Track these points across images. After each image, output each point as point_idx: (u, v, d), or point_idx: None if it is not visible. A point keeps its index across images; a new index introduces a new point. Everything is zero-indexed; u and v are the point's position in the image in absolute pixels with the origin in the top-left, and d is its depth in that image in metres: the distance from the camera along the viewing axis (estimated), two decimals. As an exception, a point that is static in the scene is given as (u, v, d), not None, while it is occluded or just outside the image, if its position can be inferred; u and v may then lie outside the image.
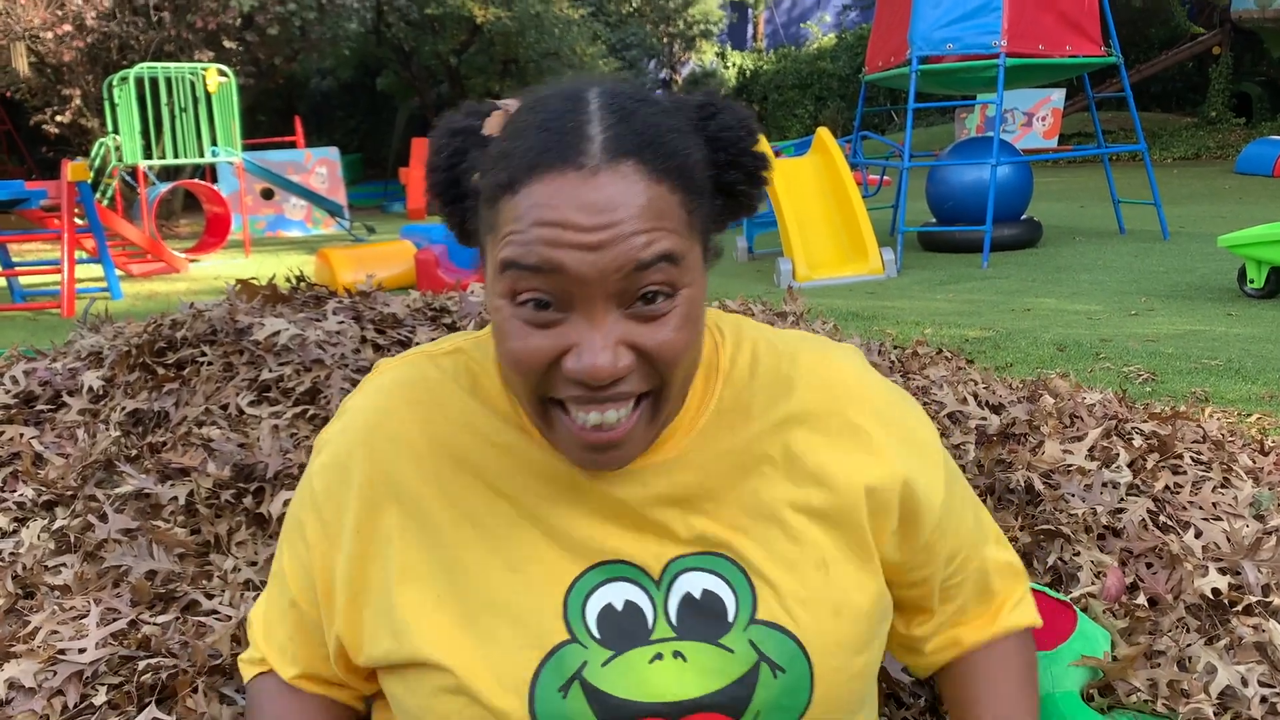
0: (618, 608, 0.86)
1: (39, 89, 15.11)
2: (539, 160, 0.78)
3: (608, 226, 0.76)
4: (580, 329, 0.79)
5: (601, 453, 0.82)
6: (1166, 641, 1.51)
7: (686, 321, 0.81)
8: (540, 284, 0.78)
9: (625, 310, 0.79)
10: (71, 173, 7.97)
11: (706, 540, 0.89)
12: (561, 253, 0.76)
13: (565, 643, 0.85)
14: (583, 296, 0.78)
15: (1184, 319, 5.47)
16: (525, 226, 0.77)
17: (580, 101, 0.81)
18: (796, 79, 23.77)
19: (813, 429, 0.93)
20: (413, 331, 2.50)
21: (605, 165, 0.77)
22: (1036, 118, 13.16)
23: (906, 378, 2.51)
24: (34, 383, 2.46)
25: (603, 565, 0.88)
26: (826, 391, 0.94)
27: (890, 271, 7.80)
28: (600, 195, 0.76)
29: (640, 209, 0.77)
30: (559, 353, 0.79)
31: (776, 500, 0.90)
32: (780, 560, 0.89)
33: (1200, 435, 2.17)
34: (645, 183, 0.78)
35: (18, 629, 1.64)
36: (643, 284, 0.78)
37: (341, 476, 0.92)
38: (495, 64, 20.38)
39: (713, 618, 0.86)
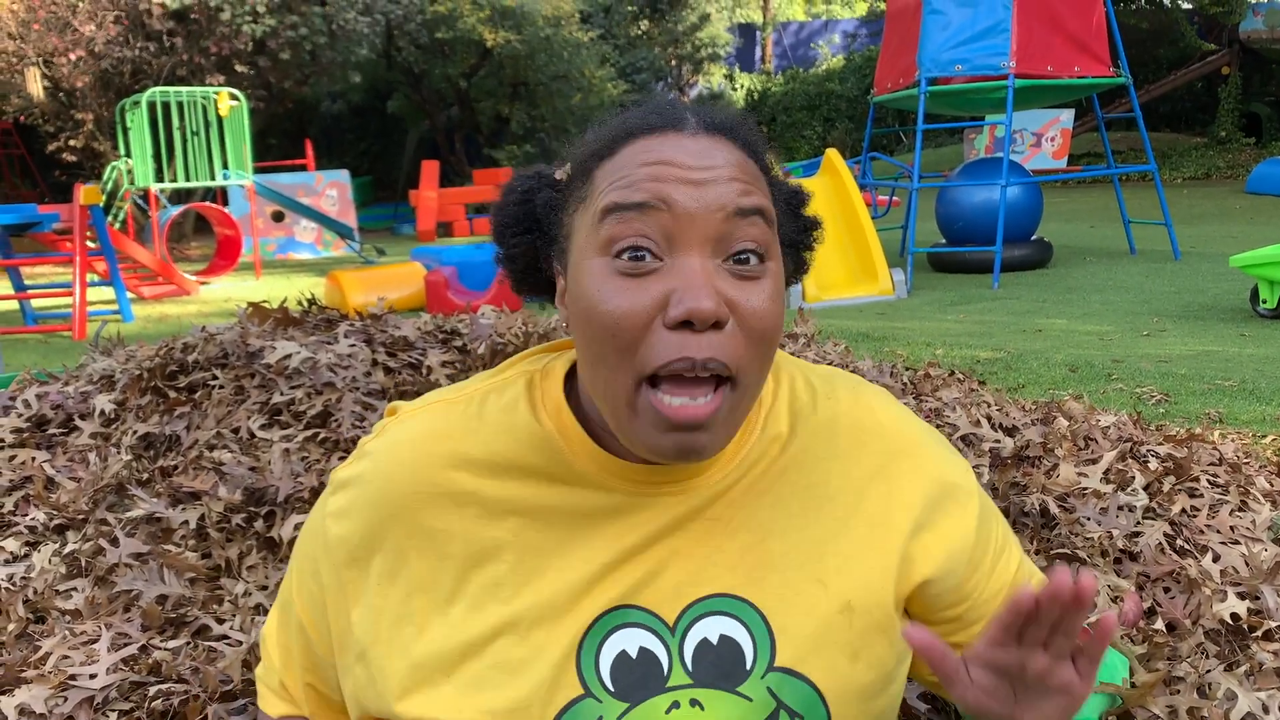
0: (632, 655, 0.84)
1: (52, 114, 15.24)
2: (639, 125, 0.84)
3: (710, 168, 0.81)
4: (680, 272, 0.78)
5: (688, 433, 0.79)
6: (1185, 668, 1.49)
7: (776, 296, 0.82)
8: (643, 225, 0.79)
9: (721, 263, 0.80)
10: (84, 196, 8.02)
11: (726, 582, 0.87)
12: (669, 187, 0.79)
13: (579, 698, 0.83)
14: (683, 239, 0.79)
15: (1197, 339, 5.45)
16: (630, 169, 0.81)
17: (673, 101, 0.89)
18: (805, 100, 23.85)
19: (844, 471, 0.92)
20: (424, 354, 2.50)
21: (703, 132, 0.84)
22: (1046, 138, 13.16)
23: (919, 400, 2.50)
24: (46, 406, 2.46)
25: (617, 610, 0.86)
26: (862, 432, 0.94)
27: (900, 292, 7.79)
28: (700, 146, 0.82)
29: (737, 164, 0.82)
30: (657, 307, 0.78)
31: (804, 540, 0.89)
32: (801, 604, 0.87)
33: (1216, 458, 2.15)
34: (739, 151, 0.84)
35: (29, 654, 1.63)
36: (739, 236, 0.80)
37: (358, 528, 0.91)
38: (505, 87, 20.49)
39: (730, 665, 0.85)
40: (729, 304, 0.79)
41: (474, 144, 22.60)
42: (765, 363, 0.83)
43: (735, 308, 0.79)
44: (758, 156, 0.87)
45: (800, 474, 0.91)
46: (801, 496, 0.90)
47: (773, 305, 0.81)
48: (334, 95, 21.50)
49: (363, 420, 2.25)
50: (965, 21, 8.40)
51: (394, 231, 18.27)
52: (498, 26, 18.53)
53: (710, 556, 0.87)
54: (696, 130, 0.83)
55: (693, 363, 0.77)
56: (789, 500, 0.90)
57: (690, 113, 0.86)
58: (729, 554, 0.88)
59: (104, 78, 14.87)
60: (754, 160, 0.85)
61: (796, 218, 0.94)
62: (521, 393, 0.91)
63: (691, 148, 0.82)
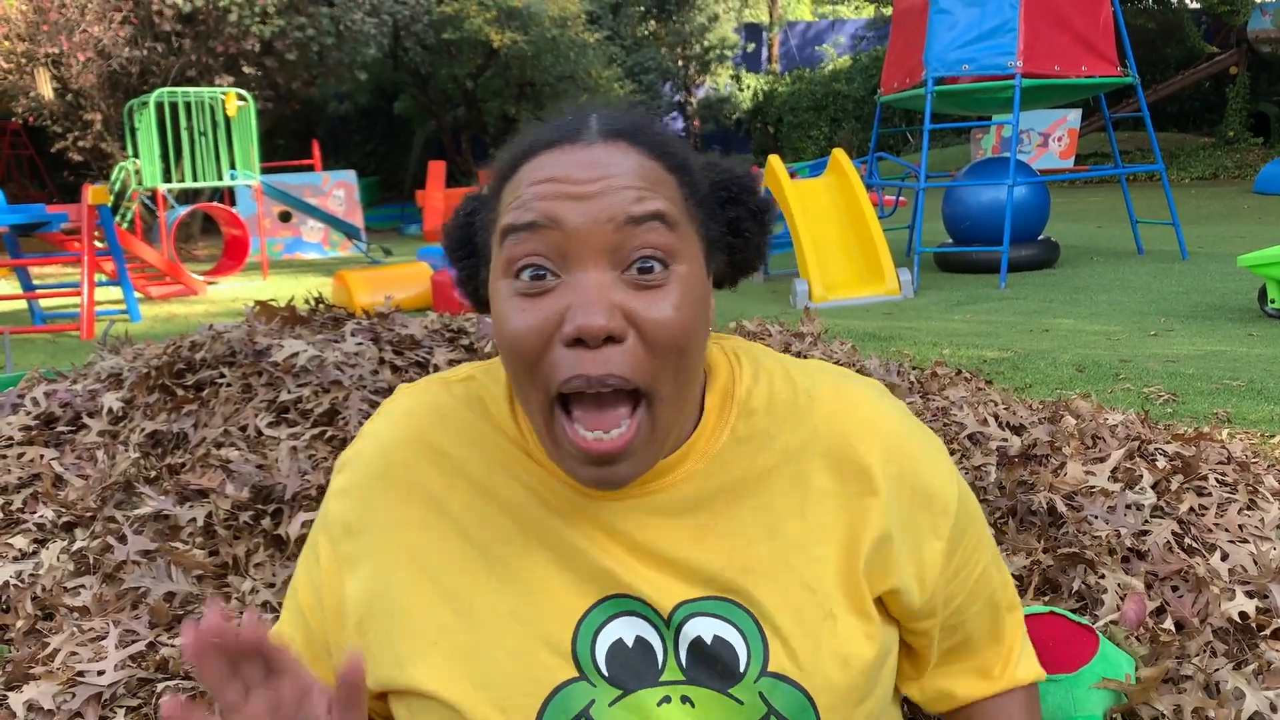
0: (628, 644, 0.85)
1: (61, 114, 15.28)
2: (538, 140, 0.84)
3: (601, 179, 0.80)
4: (574, 289, 0.78)
5: (603, 466, 0.80)
6: (1193, 666, 1.49)
7: (685, 302, 0.80)
8: (536, 244, 0.79)
9: (621, 274, 0.79)
10: (92, 196, 8.05)
11: (718, 583, 0.86)
12: (556, 204, 0.79)
13: (572, 680, 0.83)
14: (576, 255, 0.79)
15: (1204, 339, 5.43)
16: (523, 190, 0.81)
17: (581, 109, 0.87)
18: (811, 101, 23.82)
19: (825, 469, 0.90)
20: (430, 352, 2.51)
21: (601, 141, 0.82)
22: (1053, 138, 13.13)
23: (926, 398, 2.50)
24: (54, 404, 2.47)
25: (614, 599, 0.86)
26: (841, 430, 0.91)
27: (907, 292, 7.78)
28: (594, 156, 0.81)
29: (633, 170, 0.81)
30: (555, 325, 0.78)
31: (788, 542, 0.88)
32: (791, 608, 0.87)
33: (1224, 456, 2.15)
34: (639, 155, 0.82)
35: (37, 650, 1.64)
36: (636, 245, 0.79)
37: (356, 502, 0.92)
38: (511, 87, 20.50)
39: (724, 667, 0.85)
40: (629, 315, 0.78)
41: (480, 144, 22.61)
42: (680, 373, 0.81)
43: (635, 319, 0.78)
44: (665, 156, 0.84)
45: (785, 475, 0.89)
46: (787, 498, 0.89)
47: (679, 314, 0.79)
48: (341, 96, 21.52)
49: (369, 418, 2.26)
50: (972, 21, 8.39)
51: (400, 231, 18.30)
52: (504, 27, 18.54)
53: (701, 559, 0.87)
54: (593, 140, 0.82)
55: (589, 379, 0.77)
56: (774, 502, 0.89)
57: (594, 119, 0.85)
58: (720, 556, 0.87)
59: (112, 78, 14.91)
60: (660, 161, 0.83)
61: (736, 204, 0.90)
62: (504, 382, 0.93)
63: (584, 159, 0.81)
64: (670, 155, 0.85)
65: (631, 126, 0.84)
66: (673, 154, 0.85)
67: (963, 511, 0.94)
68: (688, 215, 0.84)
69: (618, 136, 0.83)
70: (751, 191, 0.92)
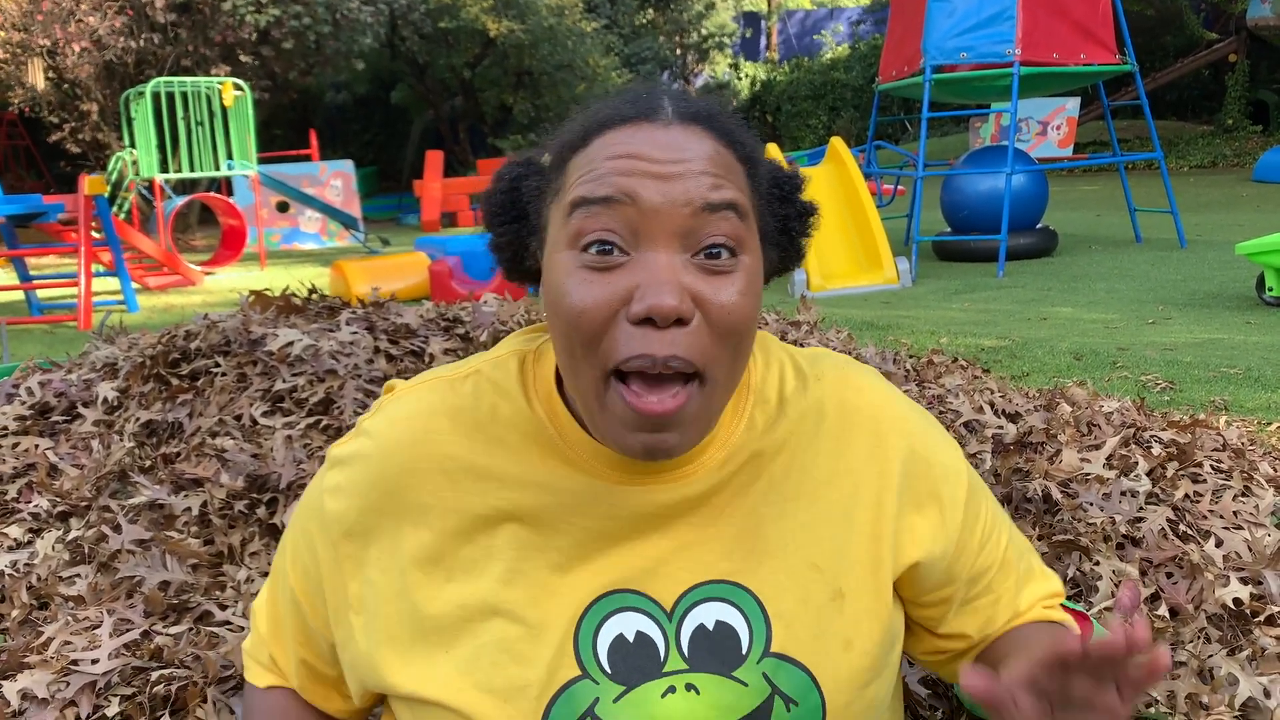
0: (629, 639, 0.85)
1: (57, 104, 15.24)
2: (613, 115, 0.83)
3: (680, 161, 0.79)
4: (645, 268, 0.77)
5: (655, 432, 0.79)
6: (1186, 653, 1.49)
7: (749, 290, 0.80)
8: (609, 220, 0.78)
9: (690, 257, 0.79)
10: (88, 186, 8.03)
11: (722, 568, 0.87)
12: (635, 181, 0.78)
13: (576, 679, 0.83)
14: (649, 233, 0.78)
15: (1202, 327, 5.43)
16: (598, 163, 0.80)
17: (652, 89, 0.87)
18: (810, 89, 23.76)
19: (834, 452, 0.91)
20: (426, 342, 2.50)
21: (677, 122, 0.82)
22: (1051, 126, 13.11)
23: (922, 387, 2.49)
24: (49, 394, 2.47)
25: (614, 594, 0.86)
26: (851, 413, 0.93)
27: (905, 281, 7.77)
28: (671, 138, 0.81)
29: (709, 157, 0.81)
30: (621, 302, 0.77)
31: (797, 526, 0.89)
32: (796, 589, 0.87)
33: (1220, 444, 2.15)
34: (714, 141, 0.82)
35: (32, 639, 1.64)
36: (709, 231, 0.79)
37: (355, 506, 0.91)
38: (509, 76, 20.45)
39: (726, 650, 0.85)
40: (696, 299, 0.78)
41: (478, 134, 22.57)
42: (736, 359, 0.81)
43: (702, 303, 0.78)
44: (736, 145, 0.84)
45: (791, 459, 0.91)
46: (794, 481, 0.90)
47: (743, 300, 0.80)
48: (338, 85, 21.47)
49: (364, 407, 2.25)
50: (970, 9, 8.36)
51: (398, 221, 18.26)
52: (501, 16, 18.48)
53: (706, 544, 0.87)
54: (670, 120, 0.82)
55: (654, 360, 0.76)
56: (781, 485, 0.90)
57: (667, 100, 0.84)
58: (724, 541, 0.88)
59: (108, 68, 14.87)
60: (732, 149, 0.84)
61: (787, 203, 0.92)
62: (514, 374, 0.91)
63: (662, 140, 0.80)
64: (741, 145, 0.85)
65: (707, 111, 0.85)
66: (743, 144, 0.85)
67: (973, 483, 0.97)
68: (753, 201, 0.85)
69: (694, 120, 0.83)
70: (800, 190, 0.93)
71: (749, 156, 0.86)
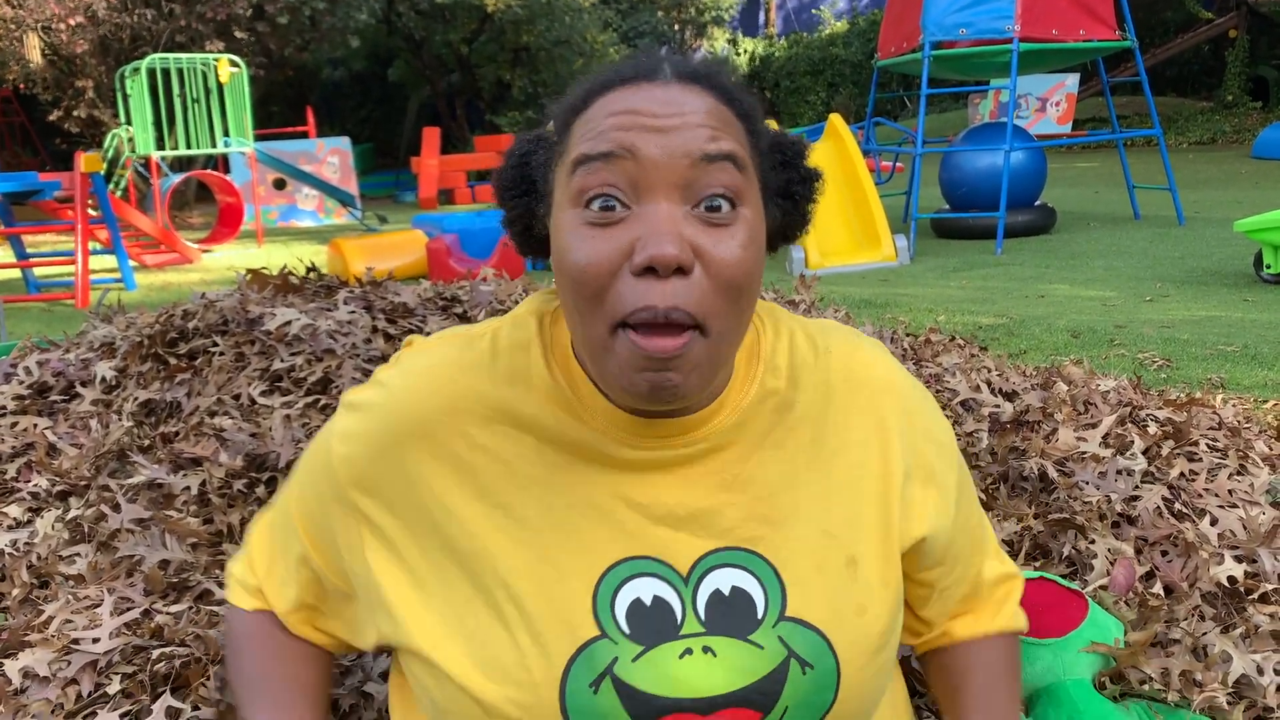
0: (646, 603, 0.85)
1: (52, 81, 15.15)
2: (613, 77, 0.86)
3: (677, 115, 0.81)
4: (646, 220, 0.79)
5: (659, 371, 0.79)
6: (1180, 631, 1.50)
7: (750, 243, 0.81)
8: (609, 175, 0.80)
9: (690, 210, 0.80)
10: (85, 164, 8.00)
11: (737, 534, 0.88)
12: (633, 135, 0.80)
13: (596, 639, 0.84)
14: (650, 186, 0.79)
15: (1200, 305, 5.43)
16: (599, 120, 0.82)
17: (652, 53, 0.88)
18: (809, 65, 23.65)
19: (844, 423, 0.93)
20: (424, 321, 2.50)
21: (675, 81, 0.84)
22: (1050, 103, 13.06)
23: (919, 365, 2.50)
24: (47, 373, 2.47)
25: (631, 560, 0.87)
26: (860, 386, 0.95)
27: (903, 258, 7.77)
28: (670, 94, 0.83)
29: (707, 111, 0.82)
30: (624, 255, 0.79)
31: (810, 495, 0.91)
32: (810, 556, 0.89)
33: (1216, 422, 2.15)
34: (712, 98, 0.84)
35: (32, 618, 1.65)
36: (708, 182, 0.80)
37: (367, 454, 0.91)
38: (506, 52, 20.34)
39: (742, 614, 0.86)
40: (696, 251, 0.79)
41: (476, 110, 22.48)
42: (738, 311, 0.82)
43: (703, 254, 0.79)
44: (734, 102, 0.86)
45: (805, 428, 0.92)
46: (807, 451, 0.92)
47: (745, 253, 0.81)
48: (335, 62, 21.37)
49: (363, 387, 2.26)
50: (970, -16, 8.32)
51: (395, 199, 18.22)
52: (498, -9, 18.37)
53: (722, 510, 0.89)
54: (669, 79, 0.84)
55: (655, 312, 0.77)
56: (795, 455, 0.91)
57: (666, 62, 0.86)
58: (740, 508, 0.89)
59: (103, 44, 14.77)
60: (730, 106, 0.85)
61: (790, 168, 0.94)
62: (534, 335, 0.92)
63: (660, 96, 0.82)
64: (739, 102, 0.87)
65: (705, 70, 0.87)
66: (741, 101, 0.87)
67: (960, 462, 1.01)
68: (752, 160, 0.86)
69: (692, 79, 0.85)
70: (803, 156, 0.95)
71: (747, 114, 0.87)
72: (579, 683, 0.83)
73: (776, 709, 0.84)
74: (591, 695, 0.82)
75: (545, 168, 0.90)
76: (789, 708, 0.85)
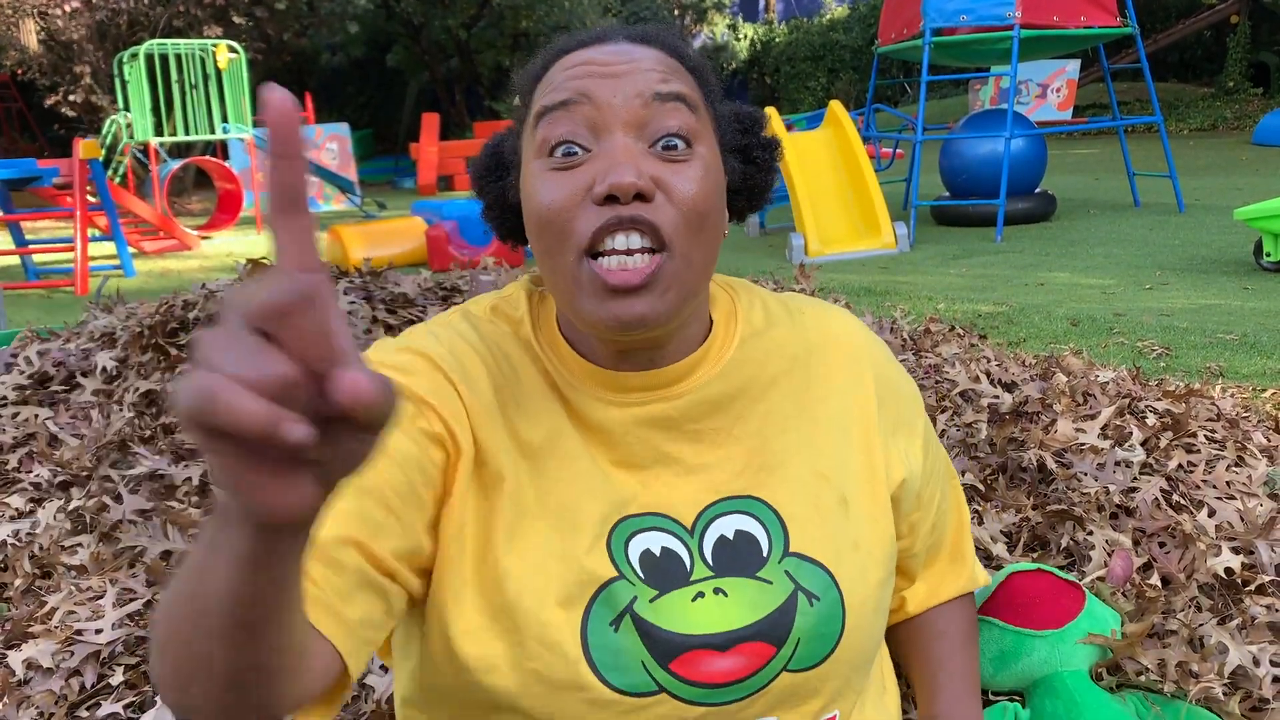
0: (655, 553, 0.88)
1: (50, 67, 15.10)
2: (569, 42, 0.91)
3: (628, 62, 0.86)
4: (604, 155, 0.83)
5: (625, 299, 0.81)
6: (1177, 622, 1.51)
7: (707, 176, 0.85)
8: (568, 122, 0.84)
9: (648, 148, 0.84)
10: (83, 150, 7.98)
11: (736, 484, 0.91)
12: (589, 82, 0.84)
13: (615, 579, 0.86)
14: (606, 125, 0.83)
15: (1199, 293, 5.43)
16: (556, 77, 0.87)
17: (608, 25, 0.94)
18: (809, 51, 23.56)
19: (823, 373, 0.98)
20: (424, 311, 2.50)
21: (626, 40, 0.89)
22: (1051, 89, 13.01)
23: (919, 355, 2.50)
24: (48, 363, 2.47)
25: (636, 517, 0.89)
26: (836, 341, 1.00)
27: (903, 246, 7.76)
28: (622, 48, 0.88)
29: (657, 60, 0.87)
30: (586, 190, 0.82)
31: (801, 440, 0.94)
32: (807, 497, 0.92)
33: (1214, 413, 2.16)
34: (661, 52, 0.89)
35: (35, 609, 1.66)
36: (662, 121, 0.84)
37: (433, 384, 0.88)
38: (505, 38, 20.27)
39: (748, 555, 0.89)
40: (657, 181, 0.83)
41: (475, 96, 22.41)
42: (704, 240, 0.85)
43: (663, 184, 0.83)
44: (684, 58, 0.91)
45: (788, 381, 0.96)
46: (792, 400, 0.96)
47: (704, 183, 0.84)
48: (333, 47, 21.29)
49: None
50: (971, -30, 8.28)
51: (394, 185, 18.17)
52: (498, -24, 18.29)
53: (717, 466, 0.92)
54: (620, 40, 0.89)
55: (619, 218, 0.80)
56: (782, 404, 0.95)
57: (619, 30, 0.92)
58: (736, 460, 0.92)
59: (100, 29, 14.72)
60: (680, 60, 0.90)
61: (749, 135, 0.98)
62: (525, 310, 0.95)
63: (613, 49, 0.87)
64: (689, 58, 0.91)
65: (656, 33, 0.92)
66: (690, 57, 0.92)
67: (925, 413, 1.07)
68: (705, 109, 0.89)
69: (642, 39, 0.90)
70: (761, 125, 0.99)
71: (697, 68, 0.91)
72: (600, 620, 0.85)
73: (789, 641, 0.87)
74: (612, 633, 0.85)
75: (514, 141, 0.94)
76: (800, 640, 0.88)
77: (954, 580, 1.12)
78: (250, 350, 0.44)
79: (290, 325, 0.45)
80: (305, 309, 0.45)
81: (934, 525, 1.07)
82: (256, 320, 0.45)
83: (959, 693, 1.09)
